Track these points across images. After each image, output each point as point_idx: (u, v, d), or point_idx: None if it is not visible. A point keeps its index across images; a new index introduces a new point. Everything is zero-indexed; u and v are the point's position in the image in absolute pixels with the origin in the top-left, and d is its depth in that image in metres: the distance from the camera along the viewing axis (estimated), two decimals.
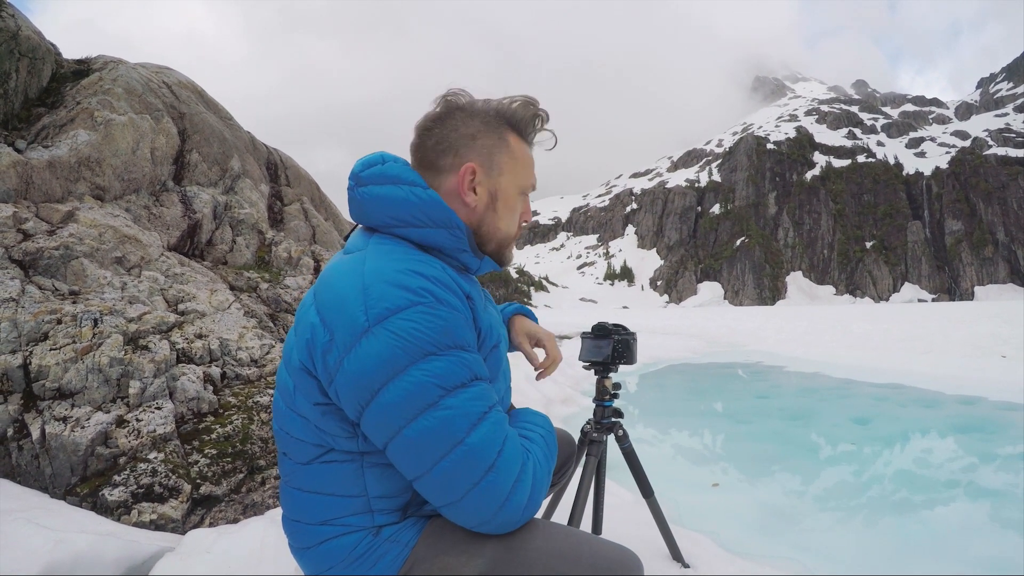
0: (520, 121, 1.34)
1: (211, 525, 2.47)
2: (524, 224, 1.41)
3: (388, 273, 1.10)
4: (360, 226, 1.31)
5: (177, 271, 3.97)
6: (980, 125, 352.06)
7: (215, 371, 3.19)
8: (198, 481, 2.56)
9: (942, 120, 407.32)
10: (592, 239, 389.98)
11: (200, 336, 3.35)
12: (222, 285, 4.24)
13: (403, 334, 1.03)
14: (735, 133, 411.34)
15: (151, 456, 2.50)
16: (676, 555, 2.34)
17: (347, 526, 1.18)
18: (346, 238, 1.33)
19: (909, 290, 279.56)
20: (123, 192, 4.49)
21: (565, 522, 1.72)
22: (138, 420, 2.61)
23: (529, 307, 1.81)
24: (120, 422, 2.60)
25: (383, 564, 1.16)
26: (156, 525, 2.32)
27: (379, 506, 1.19)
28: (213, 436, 2.78)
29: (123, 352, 2.81)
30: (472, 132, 1.28)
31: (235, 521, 2.53)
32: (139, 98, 4.96)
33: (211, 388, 3.08)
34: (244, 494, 2.66)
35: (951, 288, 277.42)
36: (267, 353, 3.58)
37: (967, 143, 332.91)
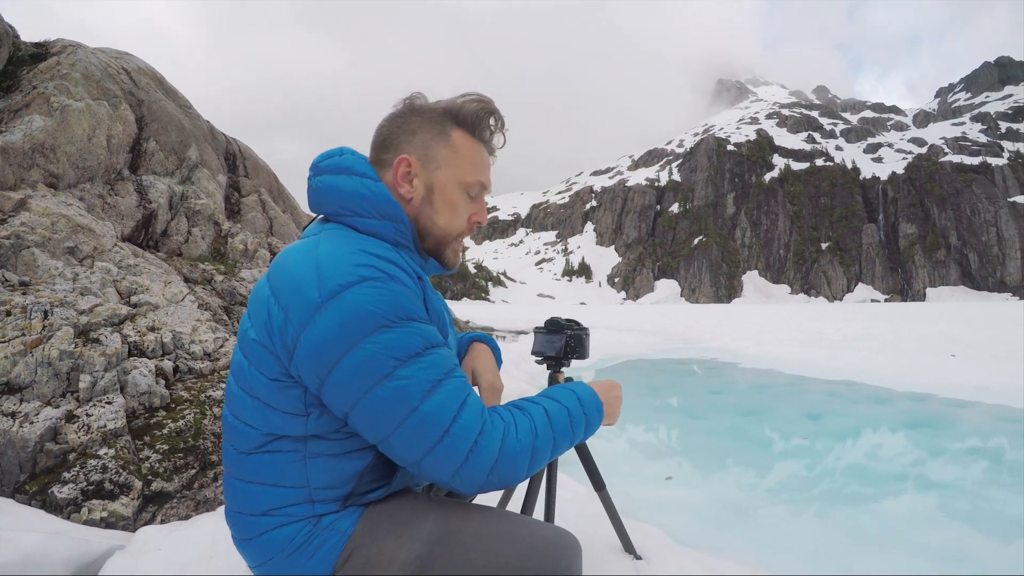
0: (467, 116, 1.35)
1: (163, 522, 2.43)
2: (476, 223, 1.40)
3: (340, 253, 1.13)
4: (318, 218, 1.35)
5: (130, 262, 3.88)
6: (937, 133, 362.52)
7: (167, 365, 3.14)
8: (149, 477, 2.51)
9: (900, 127, 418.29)
10: (551, 235, 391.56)
11: (152, 329, 3.29)
12: (176, 277, 4.16)
13: (355, 308, 1.06)
14: (696, 134, 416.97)
15: (101, 452, 2.45)
16: (628, 547, 2.36)
17: (287, 516, 1.19)
18: (303, 229, 1.37)
19: (863, 290, 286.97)
20: (77, 180, 4.37)
21: (519, 511, 1.74)
22: (88, 415, 2.55)
23: (494, 340, 1.81)
24: (70, 417, 2.54)
25: (321, 553, 1.18)
26: (107, 523, 2.28)
27: (320, 496, 1.20)
28: (165, 431, 2.73)
29: (74, 345, 2.75)
30: (413, 128, 1.33)
31: (187, 518, 2.50)
32: (97, 84, 4.83)
33: (163, 382, 3.02)
34: (196, 490, 2.63)
35: (904, 289, 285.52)
36: (220, 347, 3.53)
37: (924, 150, 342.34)
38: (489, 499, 2.36)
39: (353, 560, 1.17)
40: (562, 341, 1.79)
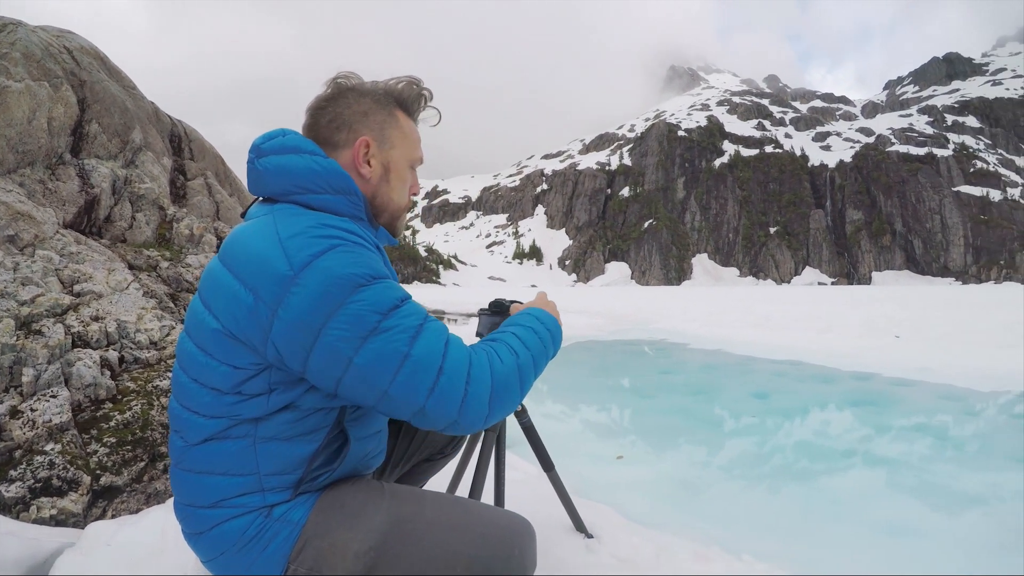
0: (407, 99, 1.44)
1: (113, 517, 2.38)
2: (413, 196, 1.49)
3: (302, 227, 1.15)
4: (259, 199, 1.34)
5: (73, 250, 3.76)
6: (885, 124, 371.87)
7: (112, 355, 3.05)
8: (98, 472, 2.46)
9: (849, 117, 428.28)
10: (502, 218, 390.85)
11: (96, 318, 3.20)
12: (120, 264, 4.04)
13: (331, 274, 1.08)
14: (647, 119, 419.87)
15: (48, 448, 2.38)
16: (580, 526, 2.40)
17: (239, 507, 1.19)
18: (243, 214, 1.35)
19: (810, 274, 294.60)
20: (17, 165, 4.19)
21: (467, 495, 1.76)
22: (33, 410, 2.48)
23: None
24: (14, 413, 2.45)
25: (274, 546, 1.18)
26: (57, 520, 2.22)
27: (271, 484, 1.20)
28: (112, 424, 2.67)
29: (15, 338, 2.66)
30: (364, 109, 1.36)
31: (138, 511, 2.45)
32: (38, 64, 4.62)
33: (108, 373, 2.94)
34: (146, 483, 2.58)
35: (850, 273, 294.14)
36: (167, 335, 3.45)
37: (871, 140, 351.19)
38: (440, 482, 2.38)
39: (306, 553, 1.17)
40: None
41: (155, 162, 5.71)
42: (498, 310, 1.80)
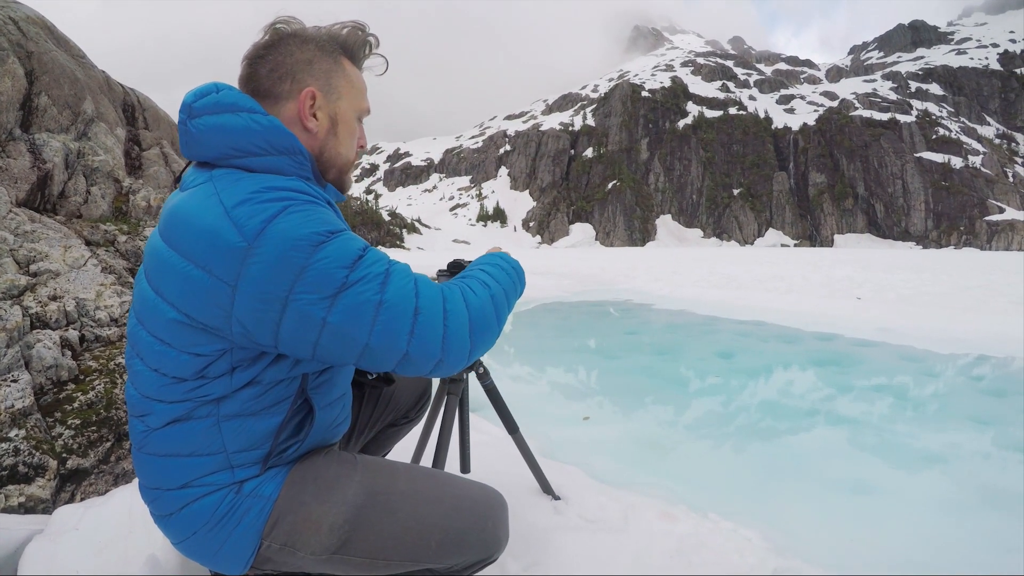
0: (352, 45, 1.35)
1: (82, 500, 2.37)
2: (360, 149, 1.41)
3: (247, 193, 1.07)
4: (194, 164, 1.24)
5: (27, 228, 3.66)
6: (849, 88, 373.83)
7: (73, 335, 3.00)
8: (64, 455, 2.43)
9: (813, 80, 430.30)
10: (465, 180, 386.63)
11: (54, 298, 3.13)
12: (77, 241, 3.94)
13: (288, 236, 1.03)
14: (611, 80, 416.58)
15: (12, 434, 2.33)
16: (547, 488, 2.43)
17: (208, 485, 1.17)
18: (178, 179, 1.27)
19: (773, 235, 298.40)
20: None
21: (431, 463, 1.78)
22: None
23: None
24: None
25: (248, 520, 1.17)
26: (25, 508, 2.19)
27: (239, 460, 1.18)
28: (75, 405, 2.64)
29: None
30: (308, 57, 1.27)
31: (106, 493, 2.44)
32: None
33: (70, 353, 2.89)
34: (114, 463, 2.56)
35: (812, 235, 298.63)
36: (127, 311, 3.39)
37: (835, 104, 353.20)
38: (405, 447, 2.39)
39: (280, 527, 1.17)
40: None
41: (108, 133, 5.54)
42: (456, 270, 1.77)
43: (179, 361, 1.13)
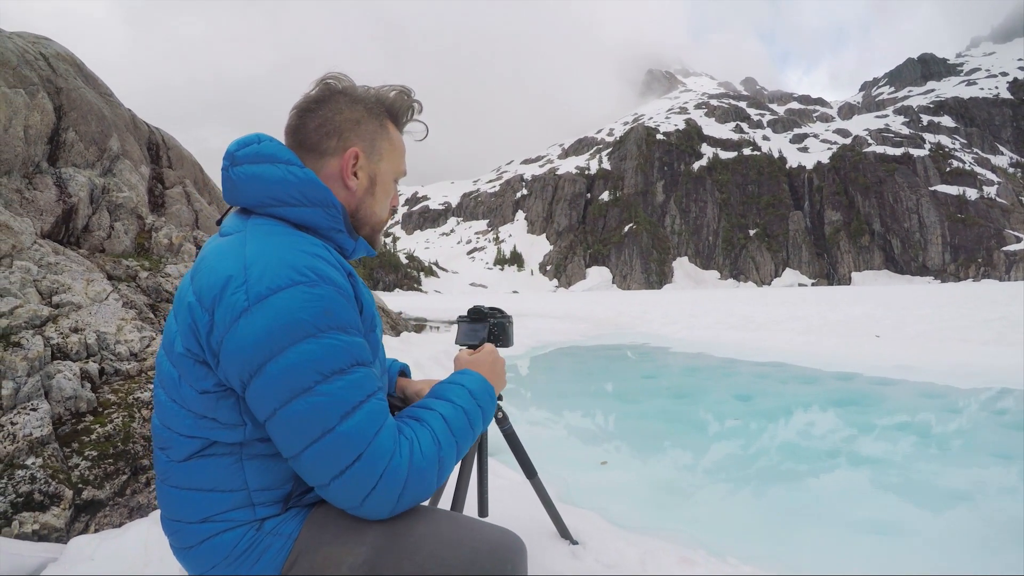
0: (398, 110, 1.39)
1: (96, 531, 2.36)
2: (394, 208, 1.46)
3: (270, 252, 1.10)
4: (234, 209, 1.30)
5: (51, 260, 3.72)
6: (861, 125, 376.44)
7: (93, 367, 3.03)
8: (80, 486, 2.43)
9: (826, 118, 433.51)
10: (482, 224, 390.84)
11: (76, 330, 3.16)
12: (99, 274, 4.00)
13: (282, 314, 1.04)
14: (626, 123, 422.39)
15: (29, 462, 2.35)
16: (564, 533, 2.39)
17: (228, 522, 1.17)
18: (219, 222, 1.31)
19: (790, 275, 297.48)
20: None
21: (449, 506, 1.76)
22: (13, 423, 2.44)
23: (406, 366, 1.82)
24: None
25: (267, 558, 1.16)
26: (39, 536, 2.19)
27: (260, 499, 1.18)
28: (93, 437, 2.64)
29: None
30: (356, 117, 1.31)
31: (120, 525, 2.43)
32: (13, 71, 4.57)
33: (89, 385, 2.91)
34: (129, 496, 2.56)
35: (830, 273, 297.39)
36: (147, 346, 3.42)
37: (848, 140, 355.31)
38: None
39: (300, 565, 1.16)
40: (485, 330, 1.77)
41: (133, 170, 5.67)
42: (477, 317, 1.79)
43: (189, 395, 1.15)
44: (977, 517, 3.10)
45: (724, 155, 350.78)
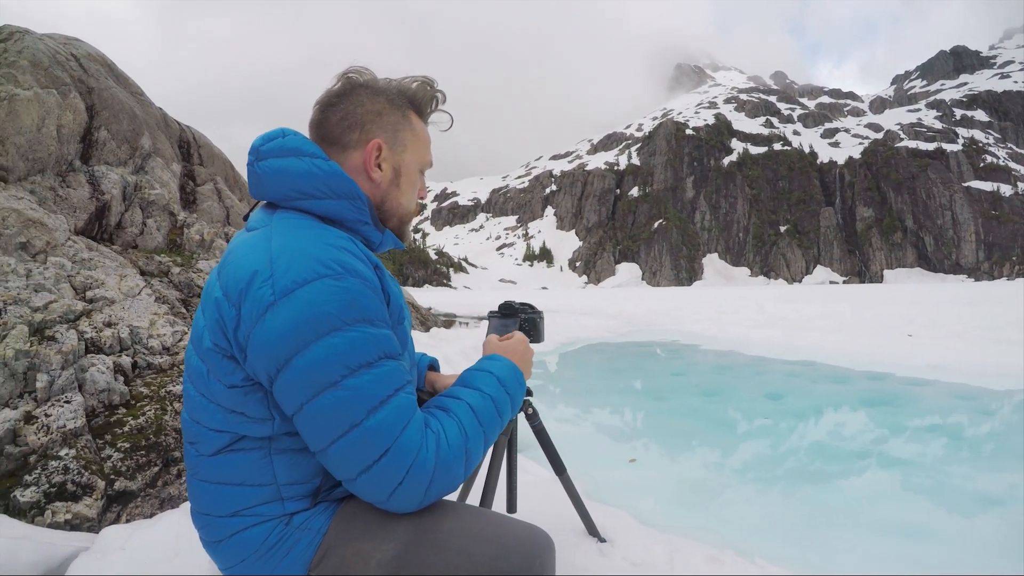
0: (420, 101, 1.39)
1: (127, 521, 2.40)
2: (420, 200, 1.45)
3: (295, 246, 1.11)
4: (261, 204, 1.30)
5: (85, 256, 3.79)
6: (893, 119, 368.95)
7: (126, 361, 3.08)
8: (112, 477, 2.47)
9: (857, 113, 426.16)
10: (511, 220, 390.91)
11: (109, 324, 3.22)
12: (132, 270, 4.07)
13: (308, 308, 1.04)
14: (655, 118, 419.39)
15: (62, 453, 2.39)
16: (592, 530, 2.38)
17: (258, 516, 1.18)
18: (246, 217, 1.32)
19: (821, 272, 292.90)
20: (27, 173, 4.23)
21: (478, 502, 1.75)
22: (47, 415, 2.49)
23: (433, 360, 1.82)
24: (28, 418, 2.47)
25: (296, 552, 1.16)
26: (71, 525, 2.23)
27: (289, 493, 1.18)
28: (126, 429, 2.69)
29: (29, 344, 2.68)
30: (378, 109, 1.31)
31: (151, 516, 2.47)
32: (46, 71, 4.66)
33: (122, 379, 2.96)
34: (160, 488, 2.60)
35: (861, 271, 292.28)
36: (179, 340, 3.47)
37: (880, 135, 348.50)
38: None
39: (328, 560, 1.16)
40: (516, 325, 1.76)
41: (164, 168, 5.75)
42: (508, 312, 1.78)
43: (217, 389, 1.16)
44: (1008, 522, 3.01)
45: (754, 150, 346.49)
